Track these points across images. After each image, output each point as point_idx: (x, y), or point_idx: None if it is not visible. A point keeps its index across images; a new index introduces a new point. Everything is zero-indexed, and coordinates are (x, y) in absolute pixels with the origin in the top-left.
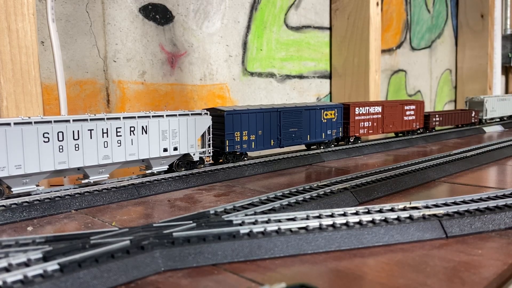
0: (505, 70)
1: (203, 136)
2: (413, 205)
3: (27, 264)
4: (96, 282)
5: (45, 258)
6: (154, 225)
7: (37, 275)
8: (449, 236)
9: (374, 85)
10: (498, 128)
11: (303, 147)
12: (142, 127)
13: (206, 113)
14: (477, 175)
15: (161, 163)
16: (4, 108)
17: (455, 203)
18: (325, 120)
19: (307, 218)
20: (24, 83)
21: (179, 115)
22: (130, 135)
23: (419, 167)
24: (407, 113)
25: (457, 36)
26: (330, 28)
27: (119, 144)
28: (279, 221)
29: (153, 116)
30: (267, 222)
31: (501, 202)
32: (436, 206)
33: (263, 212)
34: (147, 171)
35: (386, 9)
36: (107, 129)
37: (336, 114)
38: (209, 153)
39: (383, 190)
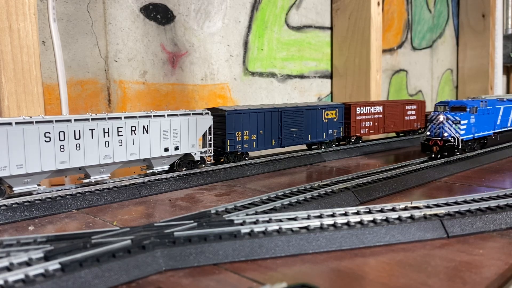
0: (507, 70)
1: (204, 136)
2: (414, 204)
3: (28, 263)
4: (97, 281)
5: (47, 257)
6: (155, 224)
7: (39, 274)
8: (450, 236)
9: (375, 85)
10: None
11: (304, 147)
12: (143, 127)
13: (207, 113)
14: (478, 175)
15: (162, 162)
16: (5, 108)
17: (456, 203)
18: (326, 120)
19: (308, 217)
20: (26, 83)
21: (180, 114)
22: (131, 134)
23: (420, 167)
24: (408, 113)
25: (458, 36)
26: (331, 28)
27: (120, 144)
28: (280, 220)
29: (154, 116)
30: (268, 221)
31: (502, 202)
32: (437, 205)
33: (264, 212)
34: (148, 171)
35: (387, 9)
36: (108, 128)
37: (337, 114)
38: (210, 152)
39: (384, 189)
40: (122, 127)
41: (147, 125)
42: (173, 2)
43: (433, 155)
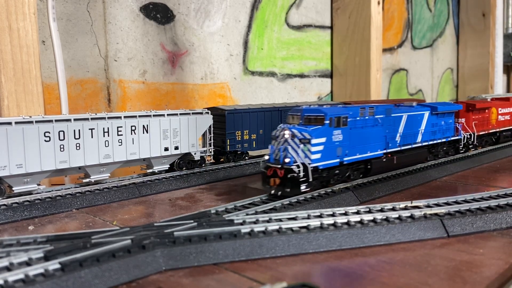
0: (507, 69)
1: (204, 135)
2: (414, 204)
3: (28, 263)
4: (97, 281)
5: (46, 257)
6: (155, 224)
7: (39, 274)
8: (451, 235)
9: (375, 84)
10: None
11: None
12: (143, 126)
13: (207, 112)
14: (478, 174)
15: (162, 162)
16: (5, 107)
17: (456, 202)
18: None
19: (308, 217)
20: (25, 82)
21: (180, 114)
22: (131, 134)
23: (421, 167)
24: None
25: (458, 35)
26: (331, 27)
27: (120, 143)
28: (280, 220)
29: (154, 115)
30: (268, 221)
31: (502, 201)
32: (438, 205)
33: (264, 212)
34: (148, 170)
35: (387, 8)
36: (108, 128)
37: None
38: (210, 152)
39: (384, 189)
40: (122, 127)
41: (147, 125)
42: (173, 1)
43: (272, 192)
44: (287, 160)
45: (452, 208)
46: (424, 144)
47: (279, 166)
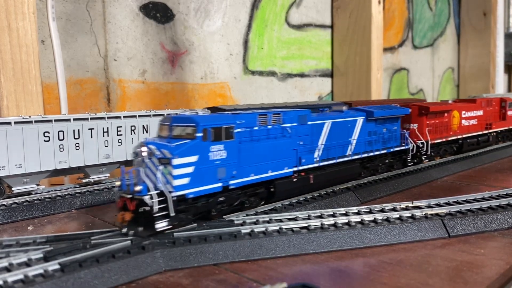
0: (508, 69)
1: None
2: (415, 204)
3: (28, 264)
4: (97, 282)
5: (46, 258)
6: None
7: (38, 274)
8: (452, 236)
9: (376, 83)
10: None
11: None
12: (143, 126)
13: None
14: (479, 174)
15: None
16: (4, 107)
17: (457, 203)
18: None
19: (309, 217)
20: (25, 82)
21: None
22: (131, 134)
23: (421, 167)
24: None
25: (459, 34)
26: (331, 27)
27: (119, 143)
28: (281, 220)
29: (154, 115)
30: (269, 222)
31: (503, 202)
32: (438, 205)
33: (264, 212)
34: None
35: (388, 7)
36: (107, 128)
37: None
38: None
39: (385, 189)
40: (121, 127)
41: (147, 125)
42: (172, 0)
43: (123, 230)
44: (138, 188)
45: (453, 208)
46: (356, 157)
47: (130, 196)
